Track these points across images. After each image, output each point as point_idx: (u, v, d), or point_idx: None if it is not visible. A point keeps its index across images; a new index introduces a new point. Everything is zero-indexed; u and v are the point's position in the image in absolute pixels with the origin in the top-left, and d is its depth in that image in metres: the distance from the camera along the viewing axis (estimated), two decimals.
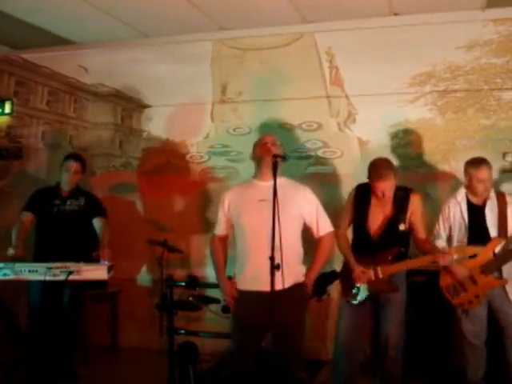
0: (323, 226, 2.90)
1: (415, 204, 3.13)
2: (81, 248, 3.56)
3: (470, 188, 3.23)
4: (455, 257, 3.06)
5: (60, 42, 4.72)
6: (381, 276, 3.07)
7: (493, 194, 3.23)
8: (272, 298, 2.52)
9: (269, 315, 2.52)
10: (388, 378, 3.21)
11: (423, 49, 4.15)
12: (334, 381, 3.33)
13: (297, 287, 2.78)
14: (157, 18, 4.25)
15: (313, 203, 2.90)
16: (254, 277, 2.74)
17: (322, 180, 4.40)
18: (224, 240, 2.99)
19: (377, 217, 3.13)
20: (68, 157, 3.93)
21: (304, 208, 2.85)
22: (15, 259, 3.41)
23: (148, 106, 4.95)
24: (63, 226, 3.77)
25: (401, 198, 3.13)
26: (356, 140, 4.37)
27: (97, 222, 3.84)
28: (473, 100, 4.14)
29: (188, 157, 4.83)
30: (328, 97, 4.47)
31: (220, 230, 2.97)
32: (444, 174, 4.18)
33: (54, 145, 5.13)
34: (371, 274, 3.10)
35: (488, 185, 3.17)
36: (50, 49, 4.91)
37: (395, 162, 4.15)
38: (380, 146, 4.28)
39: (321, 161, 4.49)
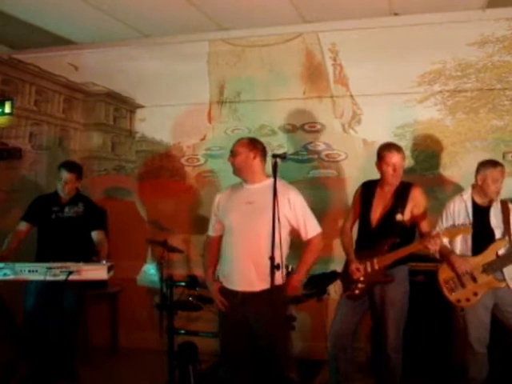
0: (311, 229, 2.92)
1: (416, 197, 3.15)
2: (79, 253, 3.47)
3: (482, 188, 3.22)
4: (444, 240, 3.08)
5: (60, 41, 4.68)
6: (376, 267, 3.11)
7: (497, 199, 3.26)
8: (246, 299, 2.75)
9: (243, 315, 2.76)
10: (387, 379, 3.22)
11: (432, 46, 4.04)
12: (331, 379, 3.37)
13: (270, 290, 2.70)
14: (156, 17, 4.20)
15: (298, 206, 2.89)
16: (232, 276, 2.87)
17: (326, 184, 4.33)
18: (217, 241, 3.06)
19: (378, 208, 3.19)
20: (61, 166, 3.85)
21: (289, 212, 2.86)
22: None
23: (141, 107, 4.82)
24: (61, 232, 3.73)
25: (401, 190, 3.17)
26: (361, 142, 4.23)
27: (95, 236, 3.78)
28: (485, 100, 4.02)
29: (183, 160, 4.70)
30: (332, 96, 4.34)
31: (212, 231, 3.08)
32: (454, 178, 4.06)
33: (42, 146, 5.00)
34: (368, 266, 3.15)
35: (500, 185, 3.20)
36: (49, 49, 4.83)
37: None
38: None
39: (324, 164, 4.37)
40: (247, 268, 2.77)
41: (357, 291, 3.17)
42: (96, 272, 3.28)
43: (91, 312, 4.38)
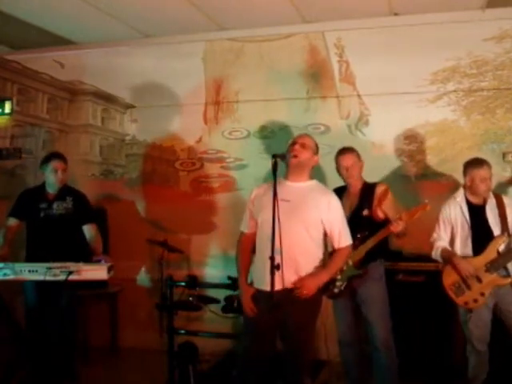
0: (344, 238, 2.92)
1: (381, 192, 3.26)
2: (71, 253, 3.46)
3: (471, 188, 3.26)
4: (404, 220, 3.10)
5: (60, 41, 4.66)
6: (350, 263, 3.20)
7: (491, 195, 3.30)
8: (273, 298, 2.61)
9: (271, 315, 2.65)
10: (383, 374, 3.28)
11: (446, 42, 3.93)
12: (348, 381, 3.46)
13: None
14: (156, 17, 4.18)
15: (337, 212, 2.89)
16: (266, 275, 2.74)
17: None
18: (251, 238, 2.98)
19: (346, 208, 3.26)
20: (51, 157, 3.76)
21: (326, 214, 2.85)
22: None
23: (132, 107, 4.70)
24: (51, 231, 3.66)
25: (367, 189, 3.32)
26: (369, 145, 4.08)
27: (87, 230, 3.73)
28: (502, 99, 3.88)
29: (177, 164, 4.56)
30: (337, 96, 4.21)
31: (247, 226, 2.99)
32: None
33: (24, 150, 4.83)
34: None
35: (489, 184, 3.24)
36: (47, 49, 4.75)
37: (413, 169, 4.06)
38: (396, 151, 4.07)
39: None
40: (286, 267, 2.68)
41: (336, 290, 3.24)
42: (96, 272, 3.31)
43: (91, 312, 4.43)
